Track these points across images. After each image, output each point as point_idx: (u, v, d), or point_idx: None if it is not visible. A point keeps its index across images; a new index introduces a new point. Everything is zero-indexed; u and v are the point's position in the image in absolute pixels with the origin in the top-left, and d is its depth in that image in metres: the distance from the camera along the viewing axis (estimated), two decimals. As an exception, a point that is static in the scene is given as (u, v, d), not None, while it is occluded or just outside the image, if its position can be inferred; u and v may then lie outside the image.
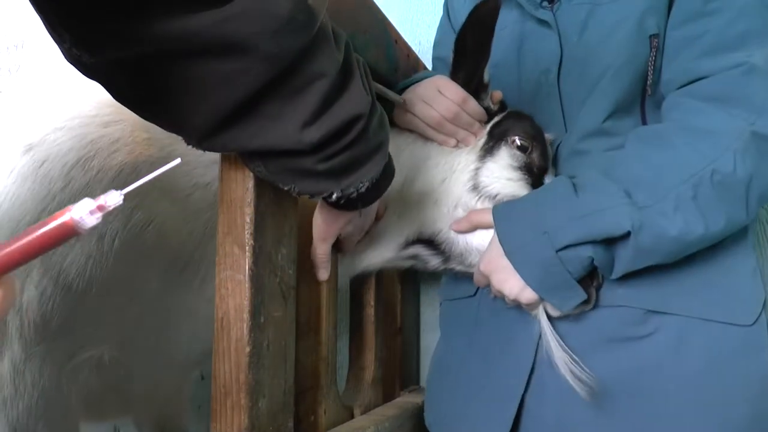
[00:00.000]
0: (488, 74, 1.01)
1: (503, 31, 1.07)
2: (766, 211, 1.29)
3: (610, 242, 0.83)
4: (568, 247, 0.83)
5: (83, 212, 0.29)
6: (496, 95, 1.05)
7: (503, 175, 0.98)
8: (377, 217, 0.93)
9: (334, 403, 0.93)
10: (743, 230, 0.90)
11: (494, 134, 1.01)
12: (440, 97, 0.97)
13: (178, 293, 0.95)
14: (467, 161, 0.99)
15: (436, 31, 1.30)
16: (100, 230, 0.85)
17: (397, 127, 1.02)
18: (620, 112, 0.97)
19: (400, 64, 1.10)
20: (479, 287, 1.04)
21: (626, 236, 0.82)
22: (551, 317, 0.90)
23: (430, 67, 1.28)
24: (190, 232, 0.92)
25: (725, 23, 0.89)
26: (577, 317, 0.91)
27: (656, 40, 0.95)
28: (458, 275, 1.06)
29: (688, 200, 0.80)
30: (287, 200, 0.76)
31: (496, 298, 0.97)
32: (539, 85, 1.05)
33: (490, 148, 1.00)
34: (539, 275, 0.86)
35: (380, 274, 1.11)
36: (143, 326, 0.96)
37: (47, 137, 0.87)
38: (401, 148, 1.00)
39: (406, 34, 1.17)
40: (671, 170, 0.83)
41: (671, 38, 0.95)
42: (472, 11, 0.93)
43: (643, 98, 0.99)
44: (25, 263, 0.30)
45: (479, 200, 0.97)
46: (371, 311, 1.12)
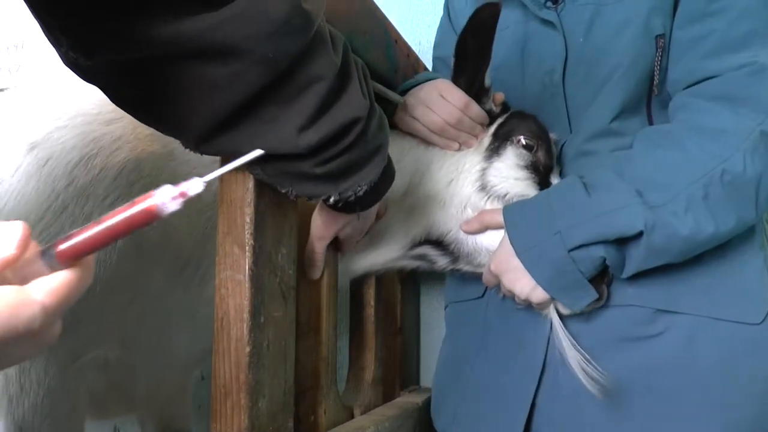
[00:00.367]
0: (490, 77, 1.01)
1: (505, 31, 1.07)
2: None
3: (621, 242, 0.84)
4: (580, 246, 0.83)
5: (165, 198, 0.30)
6: (498, 97, 1.05)
7: (511, 174, 0.98)
8: (377, 216, 0.93)
9: (334, 403, 0.93)
10: (751, 229, 0.91)
11: (499, 134, 1.01)
12: (442, 101, 0.97)
13: (179, 292, 0.95)
14: (473, 162, 0.99)
15: (436, 31, 1.30)
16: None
17: (399, 130, 1.02)
18: (627, 112, 0.98)
19: (400, 64, 1.10)
20: (488, 288, 1.04)
21: (638, 236, 0.82)
22: (561, 316, 0.91)
23: (430, 67, 1.28)
24: (191, 231, 0.92)
25: (730, 23, 0.89)
26: (587, 317, 0.91)
27: (662, 40, 0.95)
28: (465, 276, 1.06)
29: (698, 200, 0.81)
30: (287, 200, 0.75)
31: (505, 298, 0.97)
32: (543, 85, 1.04)
33: (495, 148, 1.00)
34: (551, 275, 0.86)
35: (380, 274, 1.11)
36: (146, 325, 0.97)
37: (51, 135, 0.88)
38: (404, 151, 1.00)
39: (406, 34, 1.17)
40: (682, 170, 0.83)
41: (677, 38, 0.95)
42: (472, 15, 0.93)
43: (649, 98, 0.99)
44: (106, 246, 0.32)
45: (488, 200, 0.97)
46: (371, 311, 1.12)
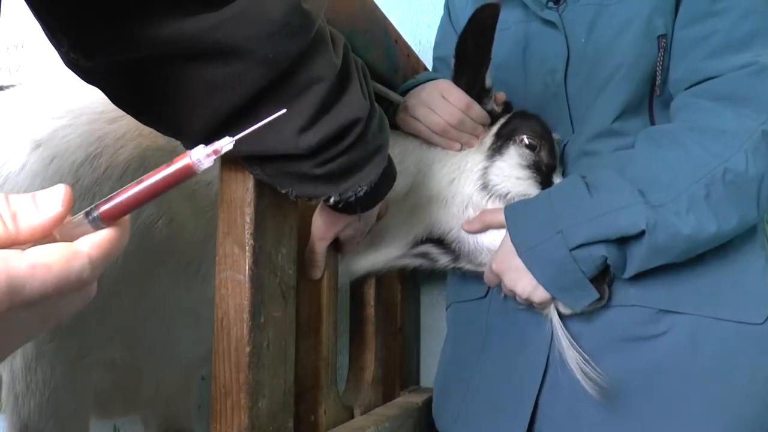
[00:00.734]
0: (490, 78, 1.01)
1: (507, 31, 1.07)
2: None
3: (623, 241, 0.84)
4: (581, 246, 0.83)
5: (201, 155, 0.34)
6: (499, 96, 1.05)
7: (512, 173, 0.98)
8: (378, 217, 0.93)
9: (334, 403, 0.93)
10: (752, 230, 0.91)
11: (502, 134, 1.01)
12: (444, 102, 0.97)
13: (182, 292, 0.95)
14: (475, 161, 0.99)
15: (436, 31, 1.30)
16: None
17: (401, 130, 1.02)
18: (629, 112, 0.98)
19: (400, 64, 1.10)
20: (490, 288, 1.04)
21: (640, 235, 0.82)
22: (562, 316, 0.91)
23: (430, 67, 1.27)
24: (193, 230, 0.92)
25: (732, 23, 0.89)
26: (590, 317, 0.91)
27: (664, 40, 0.95)
28: (467, 275, 1.06)
29: (700, 199, 0.81)
30: (287, 200, 0.75)
31: (506, 298, 0.97)
32: (546, 85, 1.04)
33: (498, 147, 1.00)
34: (552, 274, 0.86)
35: (380, 274, 1.11)
36: (151, 325, 0.97)
37: (55, 134, 0.88)
38: (407, 152, 1.00)
39: (406, 34, 1.17)
40: (684, 170, 0.83)
41: (679, 38, 0.95)
42: (472, 16, 0.93)
43: (651, 98, 0.99)
44: (146, 203, 0.35)
45: (489, 199, 0.97)
46: (371, 311, 1.12)
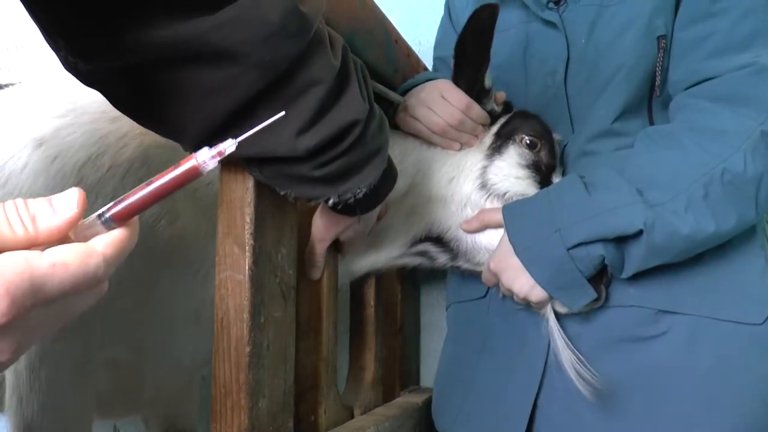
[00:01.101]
0: (490, 78, 1.01)
1: (508, 32, 1.07)
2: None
3: (621, 241, 0.84)
4: (579, 245, 0.83)
5: (206, 157, 0.35)
6: (499, 96, 1.05)
7: (511, 173, 0.98)
8: (378, 218, 0.93)
9: (334, 403, 0.93)
10: (752, 230, 0.91)
11: (502, 133, 1.01)
12: (444, 103, 0.97)
13: (184, 293, 0.95)
14: (474, 160, 0.99)
15: (436, 31, 1.30)
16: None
17: (401, 130, 1.02)
18: (629, 113, 0.98)
19: (400, 64, 1.10)
20: (490, 289, 1.04)
21: (638, 235, 0.82)
22: (559, 315, 0.91)
23: (430, 67, 1.27)
24: (195, 230, 0.92)
25: (732, 24, 0.90)
26: (588, 318, 0.91)
27: (664, 41, 0.95)
28: (465, 274, 1.06)
29: (699, 199, 0.81)
30: (287, 201, 0.75)
31: (505, 297, 0.97)
32: (546, 86, 1.05)
33: (498, 146, 1.00)
34: (550, 274, 0.86)
35: (380, 274, 1.11)
36: (153, 326, 0.96)
37: (58, 133, 0.87)
38: (407, 152, 1.00)
39: (406, 34, 1.17)
40: (682, 170, 0.83)
41: (678, 39, 0.95)
42: (471, 16, 0.93)
43: (650, 99, 0.99)
44: (153, 204, 0.35)
45: (488, 199, 0.97)
46: (371, 311, 1.12)
